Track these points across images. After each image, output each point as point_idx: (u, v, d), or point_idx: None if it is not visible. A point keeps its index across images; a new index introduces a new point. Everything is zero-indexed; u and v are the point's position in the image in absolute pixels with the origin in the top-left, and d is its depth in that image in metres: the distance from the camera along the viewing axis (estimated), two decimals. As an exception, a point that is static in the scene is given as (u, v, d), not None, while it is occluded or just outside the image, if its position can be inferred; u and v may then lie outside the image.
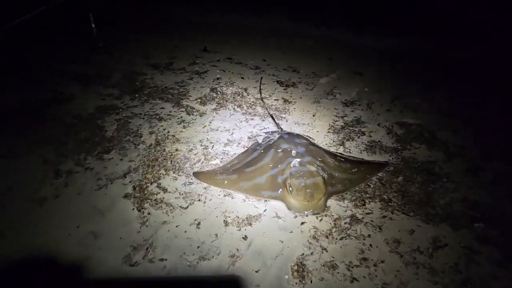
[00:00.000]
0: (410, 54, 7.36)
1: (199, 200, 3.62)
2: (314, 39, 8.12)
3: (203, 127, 4.80)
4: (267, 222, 3.41)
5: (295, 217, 3.45)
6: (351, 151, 4.39)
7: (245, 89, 5.76)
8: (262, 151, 4.05)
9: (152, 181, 3.82)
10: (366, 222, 3.41)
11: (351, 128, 4.83)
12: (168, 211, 3.47)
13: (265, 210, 3.52)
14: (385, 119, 5.07)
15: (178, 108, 5.24)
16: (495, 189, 3.84)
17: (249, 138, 4.59)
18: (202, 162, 4.14)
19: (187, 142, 4.48)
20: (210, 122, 4.91)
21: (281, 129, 4.67)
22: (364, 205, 3.61)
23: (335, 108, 5.32)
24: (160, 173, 3.94)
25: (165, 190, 3.71)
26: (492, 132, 4.85)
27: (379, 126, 4.89)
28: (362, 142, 4.56)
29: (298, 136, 4.31)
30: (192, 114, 5.07)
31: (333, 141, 4.57)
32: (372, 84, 6.05)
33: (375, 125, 4.91)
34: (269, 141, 4.29)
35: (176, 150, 4.33)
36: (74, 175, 3.90)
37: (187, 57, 7.13)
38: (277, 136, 4.34)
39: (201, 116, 5.05)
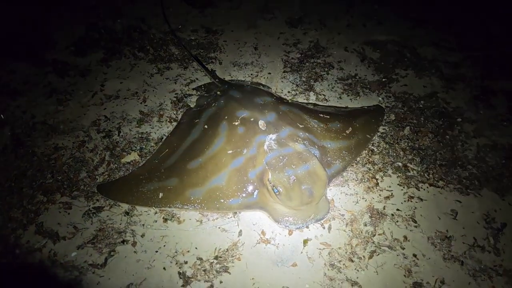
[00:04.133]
0: None
1: (122, 241, 2.12)
2: None
3: (93, 96, 2.97)
4: (250, 255, 2.17)
5: (290, 233, 2.20)
6: (327, 98, 3.11)
7: (142, 20, 3.86)
8: (205, 126, 2.56)
9: (24, 223, 2.16)
10: (393, 215, 2.35)
11: (312, 60, 3.52)
12: (72, 282, 1.92)
13: (240, 233, 2.23)
14: (349, 39, 3.84)
15: (40, 67, 3.21)
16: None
17: (173, 103, 2.98)
18: (109, 164, 2.51)
19: (72, 129, 2.74)
20: (102, 85, 3.12)
21: (219, 79, 3.10)
22: (378, 184, 2.52)
23: (280, 32, 3.89)
24: (37, 203, 2.31)
25: (53, 238, 2.12)
26: (476, 35, 3.94)
27: (347, 52, 3.66)
28: (336, 80, 3.33)
29: (253, 89, 2.83)
30: (68, 75, 3.14)
31: (297, 86, 3.24)
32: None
33: (341, 51, 3.67)
34: (209, 103, 2.75)
35: (57, 148, 2.56)
36: None
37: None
38: (220, 93, 2.81)
39: (83, 76, 3.20)
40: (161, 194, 2.30)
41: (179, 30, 3.73)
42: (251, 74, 3.33)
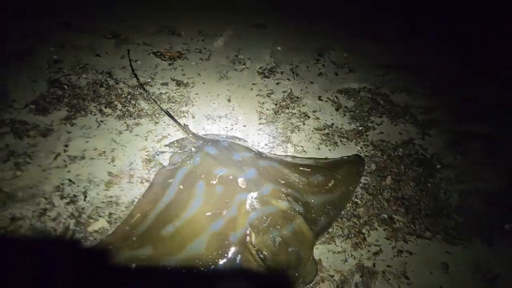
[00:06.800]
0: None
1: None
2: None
3: (55, 158, 2.86)
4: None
5: (279, 300, 2.12)
6: (305, 149, 3.14)
7: (109, 74, 3.81)
8: (181, 186, 2.49)
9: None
10: (384, 272, 2.33)
11: (287, 111, 3.56)
12: None
13: (224, 306, 2.08)
14: (322, 87, 3.97)
15: (-4, 128, 3.08)
16: (494, 163, 3.15)
17: (145, 161, 2.90)
18: (74, 233, 2.37)
19: (32, 196, 2.56)
20: (65, 146, 2.98)
21: (193, 134, 3.07)
22: (365, 239, 2.50)
23: (253, 83, 3.94)
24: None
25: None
26: (448, 78, 4.21)
27: (321, 101, 3.75)
28: (313, 131, 3.39)
29: (230, 144, 2.82)
30: (27, 136, 3.01)
31: (274, 138, 3.26)
32: (282, 39, 4.76)
33: (315, 100, 3.76)
34: (184, 160, 2.70)
35: (14, 218, 2.40)
36: None
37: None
38: (194, 149, 2.77)
39: (44, 136, 3.04)
40: (133, 265, 2.18)
41: (148, 84, 3.71)
42: (226, 127, 3.32)
